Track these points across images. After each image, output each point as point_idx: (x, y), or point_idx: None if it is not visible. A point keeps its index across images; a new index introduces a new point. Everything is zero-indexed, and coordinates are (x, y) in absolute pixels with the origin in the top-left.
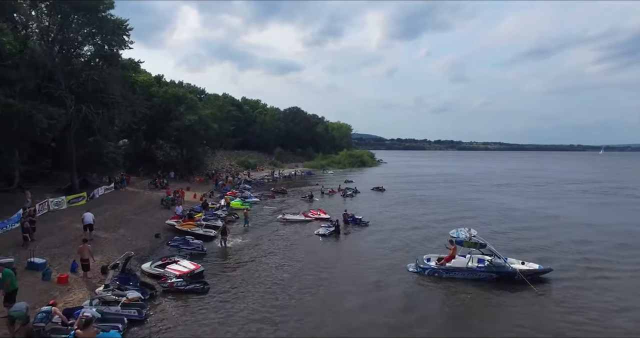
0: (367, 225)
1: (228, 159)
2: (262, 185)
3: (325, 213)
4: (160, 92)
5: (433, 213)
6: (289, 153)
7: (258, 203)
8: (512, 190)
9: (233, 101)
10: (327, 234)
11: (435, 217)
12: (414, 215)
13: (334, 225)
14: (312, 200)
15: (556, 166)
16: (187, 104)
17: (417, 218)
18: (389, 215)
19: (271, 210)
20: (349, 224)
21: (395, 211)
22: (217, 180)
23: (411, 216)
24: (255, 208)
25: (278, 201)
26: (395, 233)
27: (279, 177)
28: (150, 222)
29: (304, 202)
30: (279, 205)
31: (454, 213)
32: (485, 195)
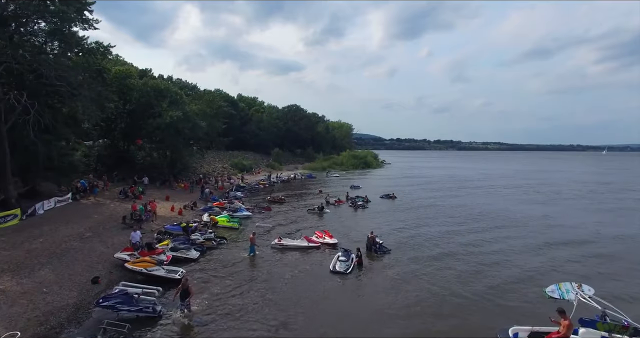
0: (389, 252)
1: (220, 160)
2: (256, 191)
3: (332, 237)
4: (138, 84)
5: (467, 233)
6: (288, 154)
7: (250, 218)
8: (544, 198)
9: (227, 98)
10: (347, 272)
11: (470, 238)
12: (444, 235)
13: (353, 256)
14: (322, 212)
15: (566, 166)
16: (171, 98)
17: (449, 241)
18: (411, 235)
19: (265, 228)
20: (371, 251)
21: (417, 229)
22: (203, 187)
23: (440, 237)
24: (246, 225)
25: (276, 213)
26: (431, 270)
27: (276, 181)
28: (97, 254)
29: (310, 216)
30: (277, 219)
31: (492, 231)
32: (518, 206)
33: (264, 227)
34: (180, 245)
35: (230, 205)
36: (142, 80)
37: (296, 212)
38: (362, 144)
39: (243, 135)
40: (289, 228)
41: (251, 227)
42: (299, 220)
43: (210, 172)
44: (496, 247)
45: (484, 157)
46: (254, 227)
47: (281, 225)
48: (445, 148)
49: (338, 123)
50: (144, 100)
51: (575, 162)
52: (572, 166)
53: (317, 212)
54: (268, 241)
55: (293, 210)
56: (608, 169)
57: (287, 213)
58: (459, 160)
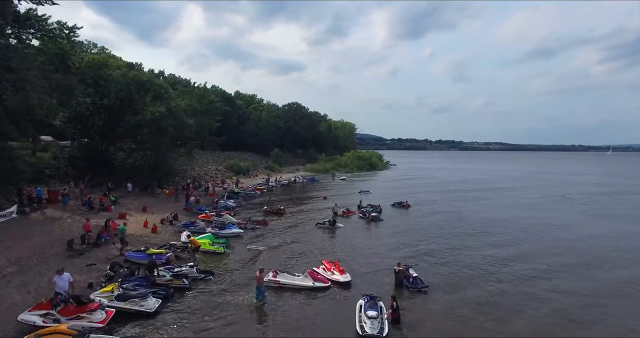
0: (426, 291)
1: (215, 162)
2: (251, 198)
3: (343, 272)
4: (116, 75)
5: (518, 258)
6: (288, 154)
7: (241, 236)
8: (584, 207)
9: (224, 94)
10: (384, 336)
11: (525, 267)
12: (488, 261)
13: (382, 305)
14: (335, 227)
15: (579, 168)
16: (155, 92)
17: (499, 271)
18: (445, 262)
19: (256, 253)
20: (401, 288)
21: (451, 252)
22: (189, 194)
23: (485, 265)
24: (235, 247)
25: (273, 228)
26: (494, 323)
27: (275, 185)
28: (3, 307)
29: (318, 233)
30: (274, 237)
31: (550, 256)
32: (561, 218)
33: (256, 250)
34: (134, 288)
35: (218, 219)
36: (120, 71)
37: (298, 227)
38: (363, 144)
39: (240, 134)
40: (289, 251)
41: (240, 249)
42: (303, 239)
43: (203, 176)
44: (576, 286)
45: (488, 158)
46: (245, 251)
47: (279, 247)
48: (447, 148)
49: (340, 122)
50: (124, 94)
51: (587, 163)
52: (586, 167)
53: (329, 227)
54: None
55: (294, 224)
56: (628, 170)
57: (287, 228)
58: (464, 161)
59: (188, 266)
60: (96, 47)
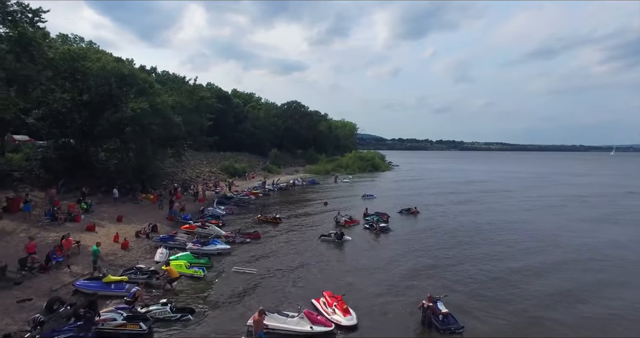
0: (461, 332)
1: (209, 163)
2: (245, 204)
3: (348, 312)
4: (94, 68)
5: (562, 284)
6: (287, 155)
7: (228, 252)
8: (611, 212)
9: (220, 92)
10: None
11: (570, 292)
12: (525, 288)
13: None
14: (343, 241)
15: (588, 168)
16: (138, 87)
17: (544, 302)
18: (477, 292)
19: (243, 278)
20: (430, 328)
21: (477, 274)
22: (172, 200)
23: (521, 293)
24: (218, 268)
25: (267, 241)
26: None
27: (273, 189)
28: None
29: (321, 248)
30: (267, 256)
31: (584, 273)
32: (587, 225)
33: (244, 274)
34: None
35: (202, 231)
36: (99, 63)
37: (297, 240)
38: (364, 144)
39: (238, 134)
40: (284, 275)
41: (226, 271)
42: (302, 257)
43: (195, 178)
44: None
45: (491, 158)
46: (231, 273)
47: (272, 268)
48: (448, 148)
49: (341, 122)
50: (103, 89)
51: (593, 163)
52: (594, 168)
53: (335, 241)
54: (242, 301)
55: (292, 237)
56: (639, 171)
57: (283, 242)
58: (467, 162)
59: (160, 304)
60: (83, 41)
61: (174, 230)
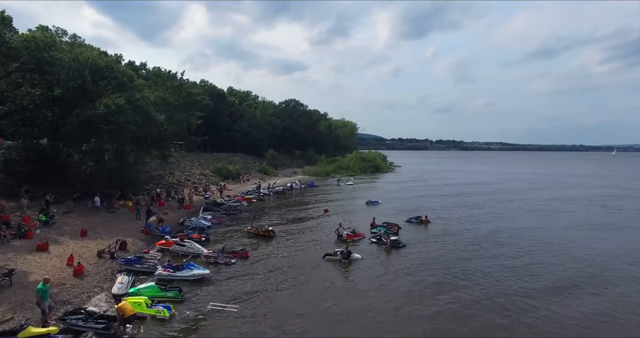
0: None
1: (200, 165)
2: (236, 211)
3: None
4: (65, 59)
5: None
6: (285, 156)
7: (207, 278)
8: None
9: (214, 90)
10: None
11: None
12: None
13: None
14: (351, 259)
15: (593, 169)
16: (117, 81)
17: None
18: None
19: (221, 321)
20: None
21: (519, 307)
22: (150, 209)
23: None
24: (191, 302)
25: (256, 262)
26: None
27: (268, 193)
28: None
29: (324, 270)
30: (254, 286)
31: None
32: (626, 238)
33: (224, 310)
34: None
35: (179, 249)
36: (71, 54)
37: (294, 259)
38: (364, 144)
39: (233, 134)
40: (275, 317)
41: (198, 302)
42: (300, 285)
43: (183, 181)
44: None
45: (492, 158)
46: (206, 312)
47: (259, 304)
48: (448, 148)
49: (341, 121)
50: (76, 82)
51: (598, 164)
52: (601, 169)
53: (342, 261)
54: None
55: (288, 255)
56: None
57: (277, 263)
58: (468, 162)
59: None
60: (66, 35)
61: (146, 247)
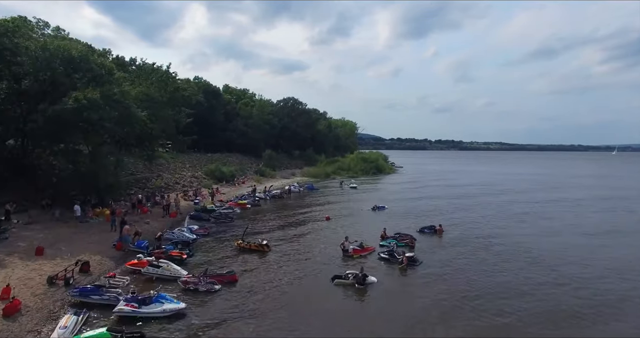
0: None
1: (192, 167)
2: (227, 220)
3: None
4: (32, 48)
5: None
6: (284, 156)
7: (182, 314)
8: None
9: (208, 87)
10: None
11: None
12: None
13: None
14: (366, 284)
15: (600, 170)
16: (93, 73)
17: None
18: None
19: None
20: None
21: None
22: (124, 220)
23: None
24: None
25: (245, 291)
26: None
27: (265, 197)
28: None
29: (334, 299)
30: (243, 328)
31: None
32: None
33: None
34: None
35: (152, 272)
36: (39, 42)
37: (294, 284)
38: (363, 143)
39: (228, 133)
40: None
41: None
42: (305, 319)
43: (172, 185)
44: None
45: (493, 158)
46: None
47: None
48: (447, 148)
49: (341, 121)
50: (44, 74)
51: (603, 164)
52: (608, 169)
53: (356, 286)
54: None
55: (286, 277)
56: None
57: (273, 290)
58: (470, 162)
59: None
60: (48, 27)
61: (115, 268)
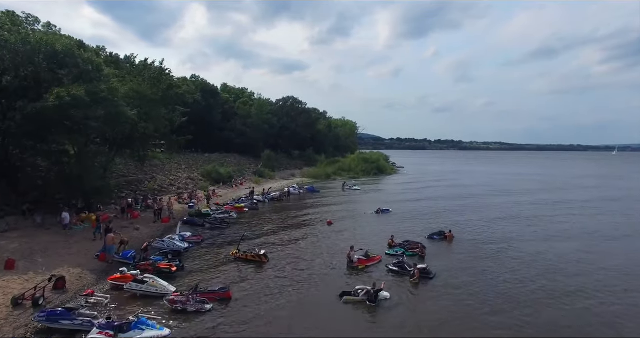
0: None
1: (188, 168)
2: (223, 225)
3: None
4: (11, 40)
5: None
6: (283, 156)
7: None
8: None
9: (205, 85)
10: None
11: None
12: None
13: None
14: (379, 301)
15: (608, 170)
16: (79, 68)
17: None
18: None
19: None
20: None
21: None
22: (108, 227)
23: None
24: None
25: (240, 311)
26: None
27: (263, 200)
28: None
29: (343, 319)
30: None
31: None
32: None
33: None
34: None
35: (136, 288)
36: (19, 35)
37: (295, 301)
38: (362, 143)
39: (226, 133)
40: None
41: None
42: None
43: (167, 187)
44: None
45: (494, 158)
46: None
47: None
48: (446, 148)
49: (341, 120)
50: (27, 70)
51: (606, 163)
52: (613, 168)
53: (367, 304)
54: None
55: (287, 293)
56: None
57: (272, 309)
58: (471, 162)
59: None
60: (38, 22)
61: (95, 284)
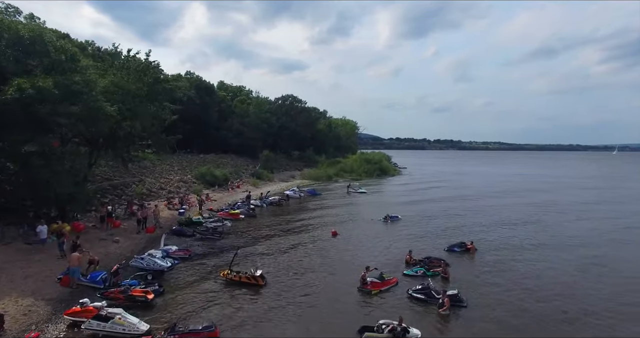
0: None
1: (181, 170)
2: (216, 236)
3: None
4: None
5: None
6: (282, 157)
7: None
8: None
9: (200, 83)
10: None
11: None
12: None
13: None
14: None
15: (615, 169)
16: (49, 60)
17: None
18: None
19: None
20: None
21: None
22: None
23: None
24: None
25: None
26: None
27: (261, 204)
28: None
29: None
30: None
31: None
32: None
33: None
34: None
35: (100, 328)
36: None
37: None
38: (362, 143)
39: (223, 133)
40: None
41: None
42: None
43: (156, 191)
44: None
45: (494, 158)
46: None
47: None
48: (446, 148)
49: (342, 120)
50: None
51: (608, 163)
52: (616, 168)
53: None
54: None
55: (290, 325)
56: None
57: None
58: (472, 162)
59: None
60: (19, 13)
61: (42, 324)
